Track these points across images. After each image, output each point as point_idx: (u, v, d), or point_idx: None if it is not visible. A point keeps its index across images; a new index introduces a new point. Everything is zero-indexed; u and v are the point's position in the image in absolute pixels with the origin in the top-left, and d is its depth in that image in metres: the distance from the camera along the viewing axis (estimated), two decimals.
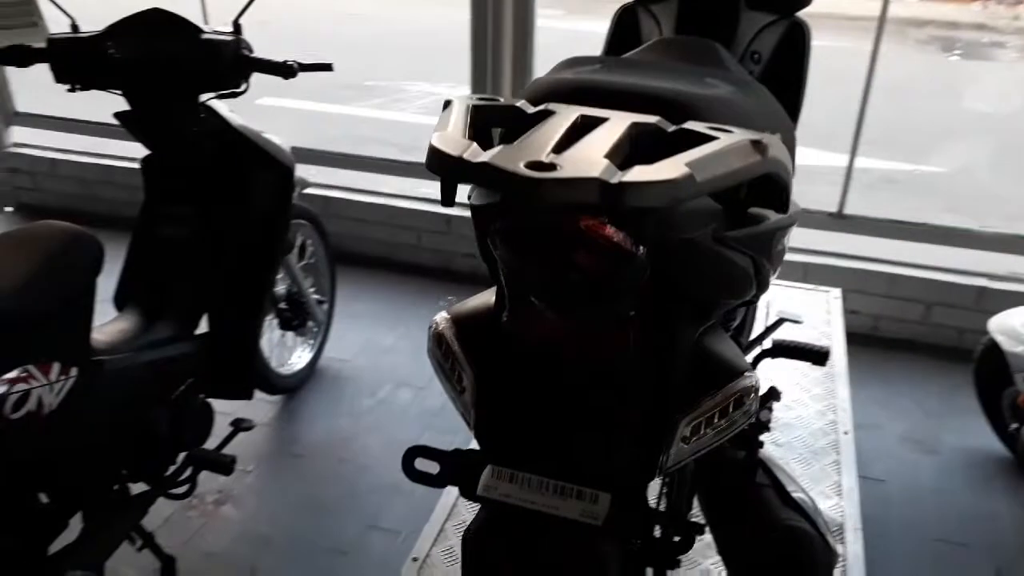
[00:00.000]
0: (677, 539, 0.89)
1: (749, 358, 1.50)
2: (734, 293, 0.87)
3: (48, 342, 1.37)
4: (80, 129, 3.68)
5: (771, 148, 0.70)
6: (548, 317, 0.74)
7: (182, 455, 1.76)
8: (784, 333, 1.54)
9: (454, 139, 0.65)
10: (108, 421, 1.55)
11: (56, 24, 1.90)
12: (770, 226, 0.87)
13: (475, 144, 0.63)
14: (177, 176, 1.90)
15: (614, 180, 0.59)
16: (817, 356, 1.49)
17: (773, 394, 1.28)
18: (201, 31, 1.74)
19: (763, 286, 0.97)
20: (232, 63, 1.74)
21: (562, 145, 0.64)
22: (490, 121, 0.72)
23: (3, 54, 1.76)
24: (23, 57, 1.76)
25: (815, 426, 1.94)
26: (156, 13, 1.76)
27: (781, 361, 1.52)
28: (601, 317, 0.74)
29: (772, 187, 0.79)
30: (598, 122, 0.69)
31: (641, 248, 0.69)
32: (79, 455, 1.49)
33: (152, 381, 1.69)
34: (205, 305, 1.92)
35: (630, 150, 0.66)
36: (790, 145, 1.05)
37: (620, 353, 0.76)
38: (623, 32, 1.72)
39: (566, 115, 0.70)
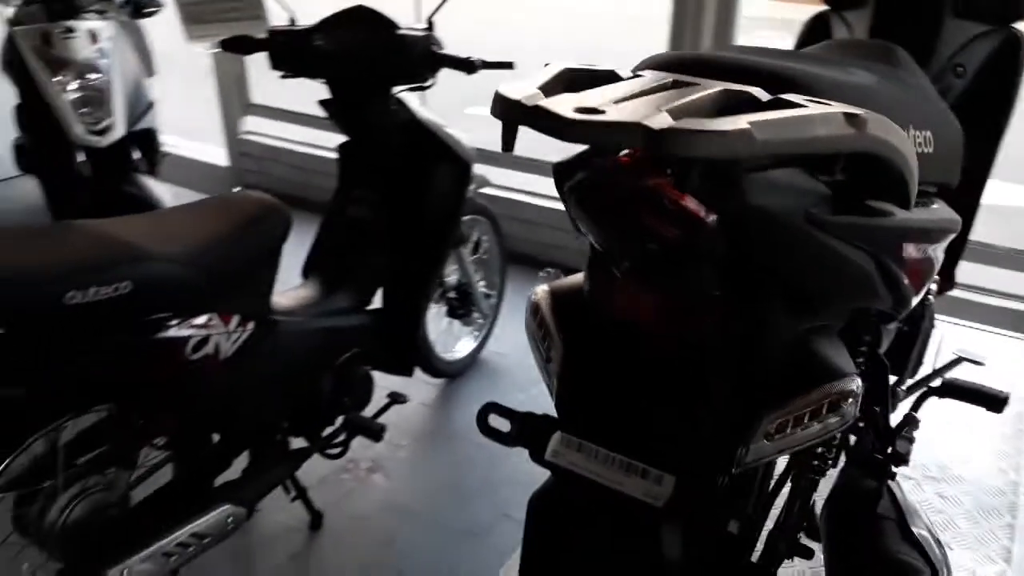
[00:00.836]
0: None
1: (912, 396, 1.37)
2: (845, 292, 0.81)
3: (232, 296, 1.52)
4: (303, 121, 4.05)
5: (873, 126, 0.64)
6: (626, 288, 0.73)
7: (340, 418, 1.89)
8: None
9: (520, 87, 0.66)
10: (276, 375, 1.70)
11: (278, 19, 2.11)
12: (893, 223, 0.80)
13: (539, 92, 0.64)
14: (366, 162, 2.05)
15: (657, 127, 0.57)
16: (992, 401, 1.33)
17: (912, 422, 1.16)
18: (398, 27, 1.87)
19: (900, 300, 0.89)
20: (422, 58, 1.85)
21: (630, 99, 0.63)
22: (581, 82, 0.71)
23: (229, 43, 1.98)
24: (247, 47, 1.98)
25: (990, 483, 1.73)
26: (361, 9, 1.91)
27: (966, 409, 1.37)
28: (677, 289, 0.72)
29: (889, 178, 0.73)
30: (688, 86, 0.67)
31: (711, 216, 0.66)
32: (248, 402, 1.65)
33: (320, 345, 1.83)
34: (379, 282, 2.05)
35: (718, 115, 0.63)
36: (950, 153, 0.96)
37: (699, 333, 0.74)
38: (815, 39, 1.64)
39: (654, 78, 0.69)
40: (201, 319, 1.46)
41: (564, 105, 0.60)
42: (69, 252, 1.32)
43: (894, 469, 1.07)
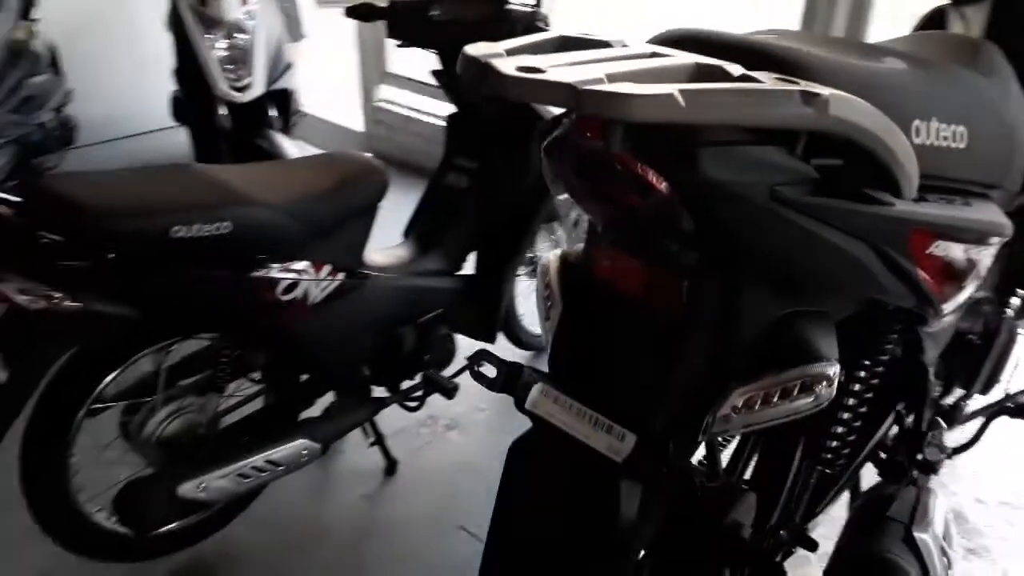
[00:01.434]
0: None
1: (975, 418, 1.30)
2: (829, 277, 0.79)
3: (324, 247, 1.64)
4: (431, 92, 4.19)
5: (837, 107, 0.63)
6: (608, 251, 0.75)
7: (420, 374, 1.98)
8: None
9: (485, 47, 0.69)
10: (362, 325, 1.80)
11: None
12: (887, 212, 0.77)
13: (502, 53, 0.67)
14: (470, 133, 2.12)
15: (582, 87, 0.59)
16: None
17: (936, 428, 1.11)
18: (508, 2, 1.92)
19: (922, 298, 0.86)
20: (524, 32, 1.89)
21: (585, 64, 0.64)
22: (572, 48, 0.74)
23: (353, 10, 2.10)
24: (368, 14, 2.09)
25: None
26: None
27: None
28: (651, 256, 0.73)
29: (874, 165, 0.70)
30: (663, 57, 0.68)
31: (663, 183, 0.67)
32: (332, 347, 1.76)
33: (406, 303, 1.93)
34: (471, 249, 2.13)
35: None
36: (996, 152, 0.91)
37: (673, 301, 0.75)
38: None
39: (635, 49, 0.70)
40: (293, 264, 1.58)
41: (509, 64, 0.64)
42: (179, 191, 1.47)
43: (924, 477, 1.03)
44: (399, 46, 2.08)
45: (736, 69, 0.65)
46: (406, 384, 1.98)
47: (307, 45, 3.86)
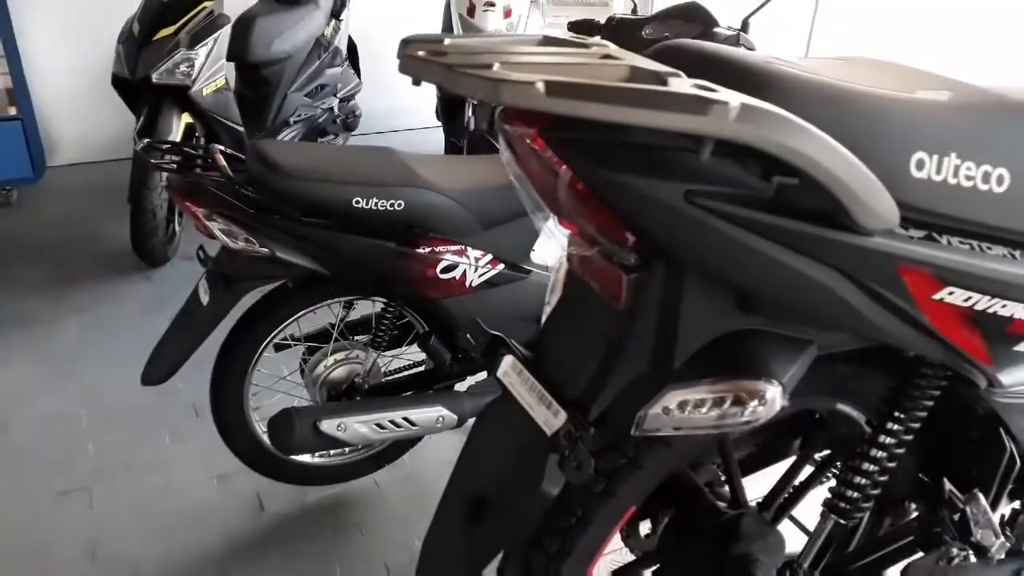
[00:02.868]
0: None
1: None
2: (785, 299, 0.72)
3: (489, 237, 1.77)
4: None
5: (749, 118, 0.58)
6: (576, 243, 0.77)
7: None
8: None
9: (427, 37, 0.74)
10: (515, 316, 1.91)
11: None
12: (860, 242, 0.70)
13: (438, 44, 0.71)
14: None
15: (460, 71, 0.63)
16: None
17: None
18: (716, 25, 1.93)
19: (957, 356, 0.77)
20: None
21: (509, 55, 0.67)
22: (549, 46, 0.77)
23: (575, 25, 2.22)
24: (588, 29, 2.20)
25: None
26: (693, 6, 2.00)
27: None
28: (599, 249, 0.74)
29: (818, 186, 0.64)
30: (611, 59, 0.68)
31: (562, 167, 0.67)
32: (483, 331, 1.89)
33: None
34: None
35: None
36: None
37: (619, 295, 0.75)
38: None
39: (592, 50, 0.71)
40: (454, 247, 1.73)
41: (416, 48, 0.69)
42: (366, 169, 1.68)
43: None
44: None
45: (677, 78, 0.65)
46: None
47: None
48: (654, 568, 1.12)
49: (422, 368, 2.01)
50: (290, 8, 3.59)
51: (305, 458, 1.97)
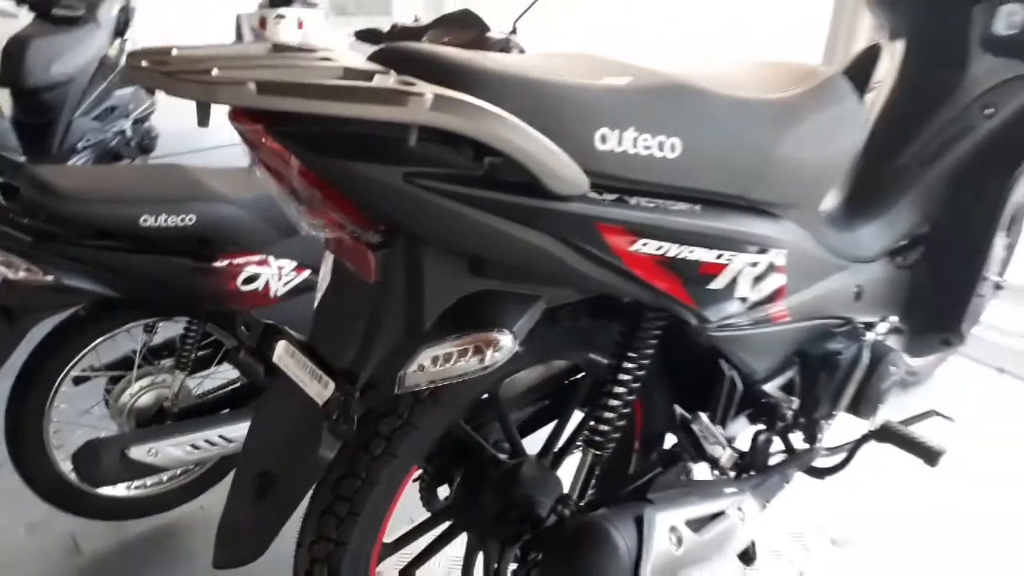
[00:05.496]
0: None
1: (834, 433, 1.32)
2: (510, 260, 0.85)
3: (291, 246, 1.79)
4: None
5: (442, 107, 0.71)
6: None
7: None
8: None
9: (162, 47, 0.80)
10: None
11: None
12: (560, 207, 0.83)
13: (175, 51, 0.78)
14: None
15: (172, 74, 0.71)
16: (927, 454, 1.26)
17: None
18: (488, 30, 2.05)
19: (664, 299, 0.92)
20: None
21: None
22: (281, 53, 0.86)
23: (362, 34, 2.27)
24: (375, 38, 2.26)
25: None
26: (465, 13, 2.11)
27: None
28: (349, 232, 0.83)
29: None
30: (327, 61, 0.78)
31: (291, 158, 0.76)
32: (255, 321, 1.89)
33: None
34: None
35: None
36: (729, 165, 0.96)
37: (364, 271, 0.85)
38: (864, 66, 1.58)
39: (317, 54, 0.80)
40: (255, 257, 1.74)
41: (139, 57, 0.76)
42: (152, 186, 1.65)
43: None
44: None
45: (384, 75, 0.74)
46: None
47: None
48: (449, 526, 1.21)
49: (237, 385, 1.99)
50: (68, 29, 3.40)
51: (119, 491, 1.90)
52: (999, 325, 2.56)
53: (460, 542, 1.30)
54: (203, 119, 0.74)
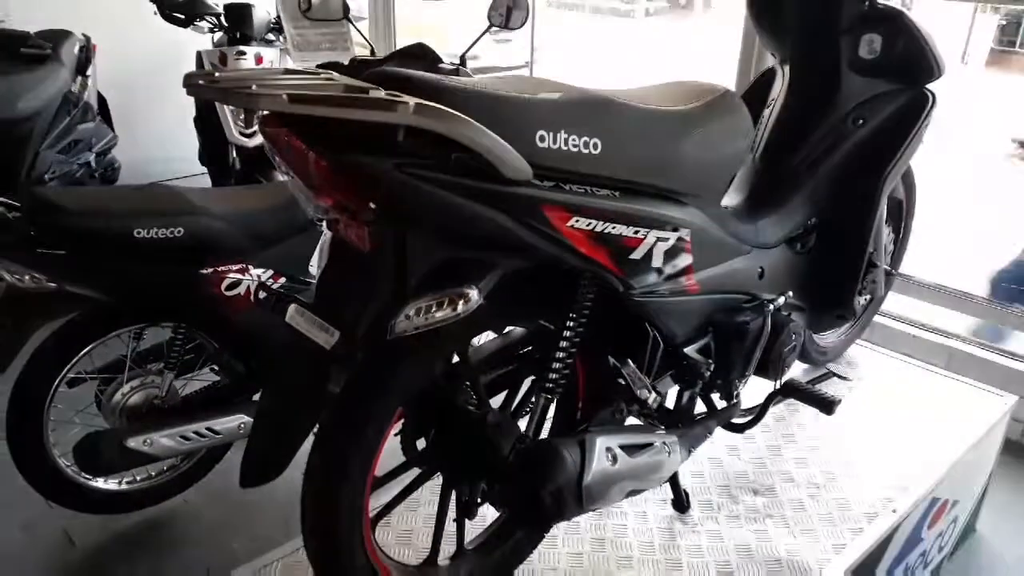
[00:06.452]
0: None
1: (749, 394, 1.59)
2: (474, 233, 1.08)
3: (269, 256, 1.99)
4: None
5: (422, 113, 0.94)
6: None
7: None
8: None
9: (207, 70, 1.04)
10: None
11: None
12: (512, 191, 1.07)
13: (218, 74, 1.01)
14: None
15: (231, 88, 0.95)
16: (824, 404, 1.52)
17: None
18: (440, 61, 2.30)
19: (597, 267, 1.20)
20: None
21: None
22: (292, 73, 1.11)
23: (323, 66, 2.50)
24: (337, 70, 2.48)
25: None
26: (420, 46, 2.36)
27: None
28: (350, 215, 1.06)
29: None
30: (329, 79, 1.03)
31: (311, 153, 1.00)
32: (272, 341, 2.09)
33: None
34: None
35: None
36: (641, 160, 1.24)
37: (360, 243, 1.09)
38: (761, 88, 1.88)
39: (321, 74, 1.04)
40: (236, 266, 1.94)
41: (198, 76, 0.99)
42: (143, 202, 1.85)
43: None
44: None
45: (376, 90, 0.98)
46: None
47: None
48: (425, 469, 1.44)
49: (219, 386, 2.17)
50: (31, 66, 3.56)
51: (112, 485, 2.06)
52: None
53: (431, 495, 1.52)
54: (249, 122, 0.97)
